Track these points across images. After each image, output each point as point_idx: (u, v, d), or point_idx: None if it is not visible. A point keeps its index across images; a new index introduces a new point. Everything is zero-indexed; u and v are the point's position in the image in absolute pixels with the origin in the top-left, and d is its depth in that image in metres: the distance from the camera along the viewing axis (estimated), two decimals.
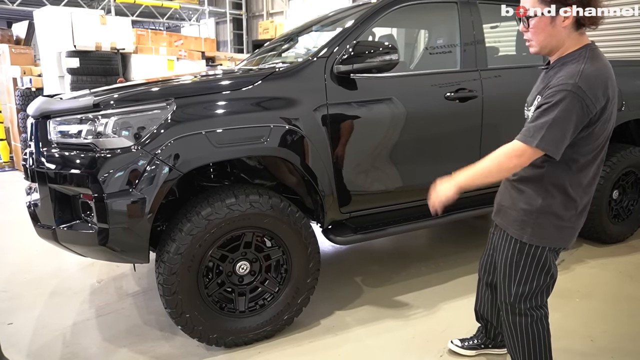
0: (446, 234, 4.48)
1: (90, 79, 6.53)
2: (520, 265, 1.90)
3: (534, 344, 1.99)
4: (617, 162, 3.82)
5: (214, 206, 2.37)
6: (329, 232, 2.86)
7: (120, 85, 3.13)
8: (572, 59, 1.70)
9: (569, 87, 1.60)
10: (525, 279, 1.90)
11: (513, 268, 1.92)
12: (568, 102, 1.59)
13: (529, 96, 1.92)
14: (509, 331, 2.04)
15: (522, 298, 1.94)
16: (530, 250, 1.87)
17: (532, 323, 1.97)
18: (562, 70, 1.68)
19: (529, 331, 1.97)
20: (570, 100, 1.59)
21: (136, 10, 15.96)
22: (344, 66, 2.63)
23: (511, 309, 1.98)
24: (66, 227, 2.38)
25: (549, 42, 1.74)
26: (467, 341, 2.57)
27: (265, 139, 2.44)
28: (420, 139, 3.00)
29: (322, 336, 2.73)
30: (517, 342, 2.02)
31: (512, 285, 1.94)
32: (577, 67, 1.64)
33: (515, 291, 1.93)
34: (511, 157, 1.69)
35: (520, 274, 1.91)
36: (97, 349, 2.63)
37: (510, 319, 2.00)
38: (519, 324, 1.98)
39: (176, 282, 2.34)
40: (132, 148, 2.24)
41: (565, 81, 1.61)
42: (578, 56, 1.69)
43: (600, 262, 3.73)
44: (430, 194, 1.88)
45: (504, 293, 1.99)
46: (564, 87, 1.60)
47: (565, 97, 1.59)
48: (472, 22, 3.23)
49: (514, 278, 1.93)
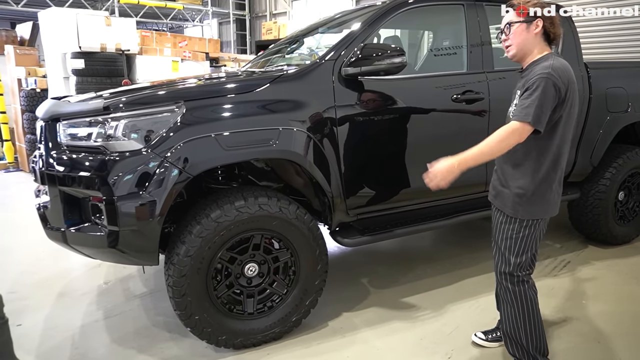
0: (452, 235, 4.48)
1: (95, 80, 6.53)
2: (518, 237, 2.17)
3: (531, 307, 2.23)
4: (623, 164, 3.82)
5: (223, 208, 2.38)
6: (337, 233, 2.88)
7: (128, 87, 3.14)
8: (542, 60, 2.09)
9: (544, 75, 1.99)
10: (523, 249, 2.18)
11: (512, 241, 2.19)
12: (544, 85, 1.97)
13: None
14: (509, 299, 2.26)
15: (520, 266, 2.20)
16: (527, 224, 2.16)
17: (528, 288, 2.23)
18: (536, 67, 2.07)
19: (527, 296, 2.22)
20: (546, 83, 1.97)
21: (140, 11, 15.99)
22: (352, 69, 2.64)
23: (510, 277, 2.23)
24: (76, 229, 2.39)
25: (524, 45, 2.11)
26: (490, 333, 2.66)
27: (274, 141, 2.45)
28: (427, 140, 3.00)
29: (330, 338, 2.74)
30: (517, 308, 2.24)
31: (511, 256, 2.20)
32: (548, 62, 2.05)
33: (514, 261, 2.19)
34: (510, 134, 1.98)
35: (519, 246, 2.18)
36: (106, 351, 2.64)
37: (510, 288, 2.24)
38: (518, 290, 2.22)
39: (185, 284, 2.35)
40: (142, 151, 2.25)
41: (541, 71, 2.00)
42: (546, 58, 2.09)
43: (606, 263, 3.73)
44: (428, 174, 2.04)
45: (504, 264, 2.23)
46: (540, 75, 1.99)
47: (542, 81, 1.98)
48: (479, 24, 3.24)
49: (513, 250, 2.19)
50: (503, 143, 1.99)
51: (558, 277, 3.50)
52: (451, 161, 1.99)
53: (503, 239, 2.22)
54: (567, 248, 4.04)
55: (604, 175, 3.81)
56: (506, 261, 2.21)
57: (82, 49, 6.53)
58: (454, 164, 1.98)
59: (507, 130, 1.99)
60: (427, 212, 3.18)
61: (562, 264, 3.72)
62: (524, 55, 2.14)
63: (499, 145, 1.99)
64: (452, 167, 1.98)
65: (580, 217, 3.98)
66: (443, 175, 1.98)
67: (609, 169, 3.81)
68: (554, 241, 4.17)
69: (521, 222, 2.15)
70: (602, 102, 3.65)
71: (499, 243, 2.24)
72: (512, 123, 2.00)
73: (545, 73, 1.98)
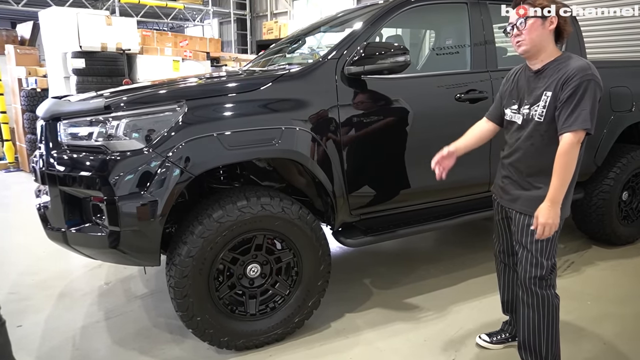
0: (455, 236, 4.46)
1: (96, 79, 6.51)
2: (550, 239, 2.10)
3: (556, 313, 2.17)
4: (627, 164, 3.80)
5: (225, 208, 2.35)
6: (339, 234, 2.86)
7: (129, 87, 3.12)
8: (565, 60, 2.02)
9: (588, 76, 1.91)
10: (554, 250, 2.13)
11: (545, 243, 2.10)
12: (592, 87, 1.91)
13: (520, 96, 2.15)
14: (535, 306, 2.15)
15: (551, 269, 2.13)
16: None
17: (555, 294, 2.17)
18: (564, 68, 1.97)
19: (554, 303, 2.15)
20: (594, 85, 1.91)
21: (140, 11, 15.97)
22: (355, 67, 2.62)
23: (540, 282, 2.13)
24: (76, 229, 2.37)
25: (539, 41, 2.02)
26: (495, 335, 2.63)
27: (277, 141, 2.43)
28: (430, 140, 2.97)
29: (333, 339, 2.72)
30: (542, 314, 2.15)
31: (544, 259, 2.11)
32: (580, 62, 1.97)
33: (547, 264, 2.11)
34: (574, 147, 1.93)
35: (550, 247, 2.11)
36: (107, 352, 2.62)
37: (539, 293, 2.14)
38: (547, 295, 2.14)
39: (187, 285, 2.33)
40: (143, 150, 2.23)
41: (583, 73, 1.92)
42: (568, 58, 2.02)
43: (610, 264, 3.71)
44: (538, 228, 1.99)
45: (537, 268, 2.12)
46: (584, 77, 1.91)
47: (589, 84, 1.91)
48: (482, 23, 3.22)
49: (546, 252, 2.11)
50: (571, 160, 1.94)
51: (562, 277, 3.48)
52: (546, 207, 1.96)
53: (534, 242, 2.11)
54: (571, 248, 4.02)
55: (607, 175, 3.78)
56: (539, 264, 2.12)
57: (82, 48, 6.52)
58: (550, 207, 1.96)
59: (567, 148, 1.92)
60: (430, 212, 3.15)
61: (565, 265, 3.69)
62: (536, 52, 2.06)
63: (570, 164, 1.95)
64: (549, 211, 1.96)
65: (583, 217, 3.96)
66: (550, 222, 1.96)
67: (613, 169, 3.78)
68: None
69: None
70: (606, 101, 3.62)
71: (529, 247, 2.13)
72: (566, 136, 1.93)
73: (589, 74, 1.92)
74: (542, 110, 2.02)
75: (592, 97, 1.91)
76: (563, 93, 1.94)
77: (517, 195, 2.17)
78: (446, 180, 2.32)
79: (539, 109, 2.03)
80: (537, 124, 2.04)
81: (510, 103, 2.21)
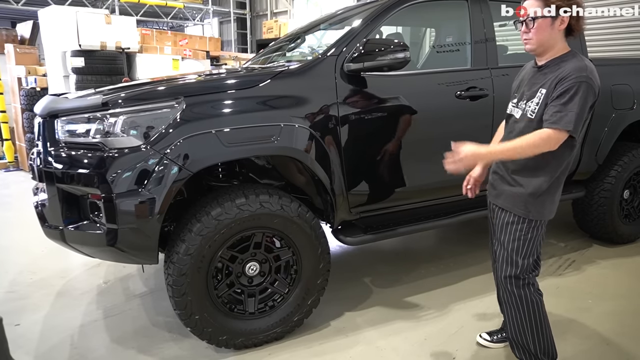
0: (455, 234, 4.44)
1: (95, 78, 6.50)
2: (527, 239, 2.09)
3: (537, 310, 2.15)
4: (629, 162, 3.78)
5: (223, 206, 2.34)
6: (339, 232, 2.84)
7: (127, 84, 3.10)
8: (568, 58, 1.97)
9: (583, 78, 1.87)
10: (531, 250, 2.11)
11: (521, 242, 2.09)
12: (585, 89, 1.86)
13: (521, 90, 2.13)
14: (514, 304, 2.16)
15: (527, 268, 2.12)
16: (536, 224, 2.08)
17: (534, 291, 2.14)
18: (563, 66, 1.93)
19: (533, 299, 2.13)
20: (586, 88, 1.87)
21: (140, 10, 15.94)
22: (355, 64, 2.60)
23: (516, 281, 2.13)
24: (74, 227, 2.35)
25: (546, 41, 1.98)
26: (495, 334, 2.62)
27: (276, 138, 2.41)
28: (430, 137, 2.96)
29: (332, 338, 2.70)
30: (523, 312, 2.15)
31: (519, 258, 2.10)
32: (583, 63, 1.92)
33: (522, 263, 2.10)
34: (546, 141, 1.88)
35: (526, 247, 2.09)
36: (106, 351, 2.60)
37: (515, 292, 2.14)
38: (525, 294, 2.13)
39: (185, 283, 2.31)
40: (141, 147, 2.21)
41: (578, 73, 1.87)
42: (572, 56, 1.97)
43: (611, 262, 3.69)
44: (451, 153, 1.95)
45: (511, 266, 2.12)
46: (578, 78, 1.86)
47: (581, 85, 1.86)
48: (483, 20, 3.20)
49: (522, 251, 2.10)
50: (536, 149, 1.89)
51: (563, 276, 3.46)
52: (480, 149, 1.92)
53: (511, 240, 2.11)
54: (572, 247, 4.00)
55: (609, 173, 3.76)
56: (513, 263, 2.11)
57: (82, 47, 6.51)
58: (482, 152, 1.93)
59: (542, 137, 1.88)
60: (431, 211, 3.14)
61: (567, 263, 3.67)
62: (543, 51, 2.02)
63: (532, 150, 1.89)
64: (479, 154, 1.93)
65: (585, 215, 3.94)
66: (467, 158, 1.91)
67: (614, 167, 3.76)
68: (558, 240, 4.12)
69: (530, 223, 2.06)
70: (607, 99, 3.60)
71: (506, 245, 2.13)
72: (547, 130, 1.88)
73: (584, 76, 1.86)
74: (534, 107, 1.99)
75: (582, 99, 1.85)
76: (555, 92, 1.91)
77: (501, 191, 2.16)
78: (446, 178, 2.30)
79: (532, 105, 2.00)
80: (529, 121, 2.00)
81: (513, 96, 2.19)
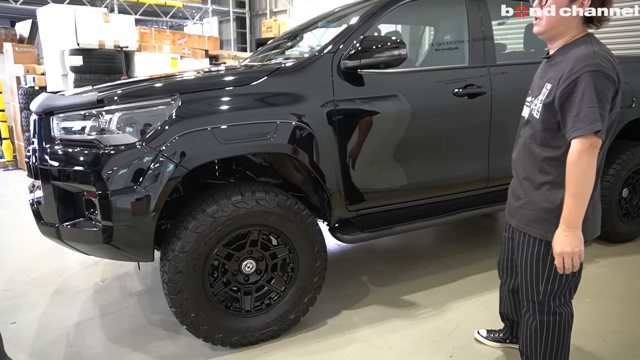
0: (453, 232, 4.43)
1: (94, 77, 6.50)
2: (547, 263, 1.84)
3: (558, 343, 1.93)
4: (627, 160, 3.77)
5: (219, 203, 2.33)
6: (336, 230, 2.82)
7: (124, 81, 3.10)
8: (577, 44, 1.72)
9: (586, 68, 1.61)
10: (553, 276, 1.85)
11: (540, 267, 1.86)
12: (590, 80, 1.61)
13: (533, 85, 1.94)
14: (532, 330, 1.96)
15: (552, 295, 1.88)
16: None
17: (561, 321, 1.92)
18: (571, 54, 1.69)
19: (555, 330, 1.91)
20: (590, 78, 1.61)
21: (139, 9, 15.91)
22: (351, 61, 2.59)
23: (539, 307, 1.92)
24: (70, 224, 2.34)
25: (558, 25, 1.74)
26: (494, 333, 2.59)
27: (272, 135, 2.40)
28: (428, 135, 2.96)
29: (329, 336, 2.69)
30: (540, 341, 1.95)
31: (539, 284, 1.88)
32: (586, 49, 1.67)
33: (544, 289, 1.88)
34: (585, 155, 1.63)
35: (547, 272, 1.85)
36: (101, 349, 2.59)
37: (538, 318, 1.93)
38: (547, 322, 1.92)
39: (181, 280, 2.30)
40: (136, 144, 2.20)
41: (584, 63, 1.62)
42: (583, 41, 1.72)
43: (610, 261, 3.68)
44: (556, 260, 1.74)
45: (531, 292, 1.92)
46: (584, 68, 1.61)
47: (581, 78, 1.61)
48: (481, 18, 3.19)
49: (542, 277, 1.87)
50: (584, 176, 1.63)
51: None
52: (561, 233, 1.69)
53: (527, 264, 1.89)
54: None
55: (607, 171, 3.75)
56: (533, 289, 1.89)
57: (80, 45, 6.51)
58: (565, 231, 1.68)
59: (574, 160, 1.63)
60: (428, 209, 3.12)
61: None
62: (554, 36, 1.78)
63: (583, 180, 1.64)
64: (565, 237, 1.68)
65: None
66: (568, 251, 1.68)
67: (612, 166, 3.75)
68: None
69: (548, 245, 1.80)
70: None
71: (522, 267, 1.92)
72: (573, 146, 1.64)
73: (590, 64, 1.61)
74: (539, 104, 1.78)
75: (594, 90, 1.59)
76: (559, 89, 1.68)
77: (515, 208, 1.96)
78: (444, 176, 2.29)
79: (538, 102, 1.79)
80: (535, 121, 1.81)
81: (527, 94, 1.98)
